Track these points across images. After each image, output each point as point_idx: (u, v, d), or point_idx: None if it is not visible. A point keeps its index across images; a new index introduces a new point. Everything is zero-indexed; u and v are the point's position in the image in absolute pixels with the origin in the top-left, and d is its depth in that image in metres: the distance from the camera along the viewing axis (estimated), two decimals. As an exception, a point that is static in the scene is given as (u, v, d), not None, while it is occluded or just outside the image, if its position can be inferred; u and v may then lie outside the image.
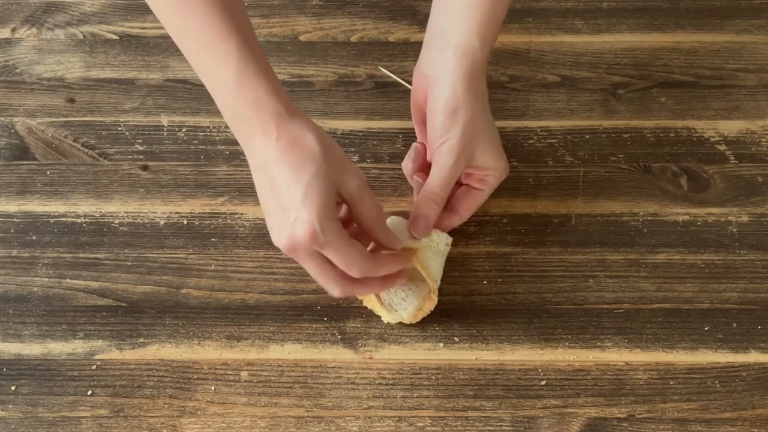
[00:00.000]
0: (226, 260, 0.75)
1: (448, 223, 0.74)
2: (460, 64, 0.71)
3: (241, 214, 0.78)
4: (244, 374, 0.70)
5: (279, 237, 0.64)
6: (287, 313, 0.73)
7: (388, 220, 0.73)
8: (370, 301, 0.72)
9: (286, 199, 0.62)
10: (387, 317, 0.71)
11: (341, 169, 0.64)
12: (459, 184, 0.75)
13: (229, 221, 0.78)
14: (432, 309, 0.71)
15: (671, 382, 0.69)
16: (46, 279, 0.74)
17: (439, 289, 0.73)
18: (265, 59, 0.66)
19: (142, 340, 0.71)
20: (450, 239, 0.73)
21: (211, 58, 0.65)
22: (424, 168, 0.75)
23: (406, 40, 0.90)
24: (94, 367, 0.70)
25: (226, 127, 0.83)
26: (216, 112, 0.84)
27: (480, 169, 0.73)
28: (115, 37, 0.91)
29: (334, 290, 0.66)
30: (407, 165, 0.76)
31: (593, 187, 0.80)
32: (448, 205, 0.74)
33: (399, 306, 0.72)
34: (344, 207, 0.68)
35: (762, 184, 0.80)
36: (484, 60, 0.72)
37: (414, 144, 0.76)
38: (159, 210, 0.78)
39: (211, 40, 0.64)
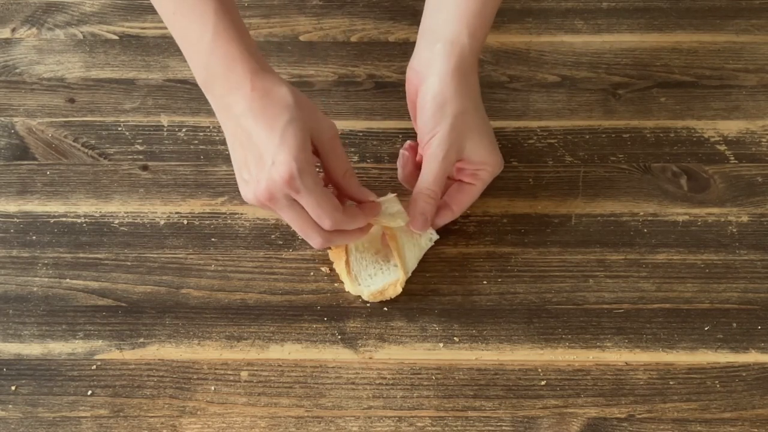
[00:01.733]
0: (226, 260, 0.75)
1: (439, 219, 0.74)
2: (449, 59, 0.71)
3: (241, 214, 0.78)
4: (244, 374, 0.70)
5: (258, 185, 0.64)
6: (287, 313, 0.73)
7: (382, 199, 0.74)
8: (339, 266, 0.72)
9: (263, 147, 0.64)
10: (349, 287, 0.72)
11: (314, 119, 0.66)
12: (451, 179, 0.75)
13: (229, 221, 0.78)
14: (393, 296, 0.71)
15: (671, 382, 0.69)
16: (46, 279, 0.74)
17: (439, 289, 0.73)
18: (240, 20, 0.67)
19: (142, 340, 0.71)
20: (436, 237, 0.73)
21: (187, 18, 0.66)
22: (415, 171, 0.74)
23: (406, 40, 0.90)
24: (94, 367, 0.70)
25: (226, 127, 0.83)
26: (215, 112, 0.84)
27: (471, 163, 0.73)
28: (115, 37, 0.91)
29: (316, 239, 0.67)
30: (399, 173, 0.76)
31: (593, 187, 0.80)
32: (440, 200, 0.74)
33: (364, 281, 0.72)
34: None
35: (762, 184, 0.80)
36: (473, 56, 0.72)
37: (401, 151, 0.76)
38: (159, 210, 0.78)
39: (188, 0, 0.66)
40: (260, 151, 0.64)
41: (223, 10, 0.65)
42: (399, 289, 0.71)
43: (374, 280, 0.72)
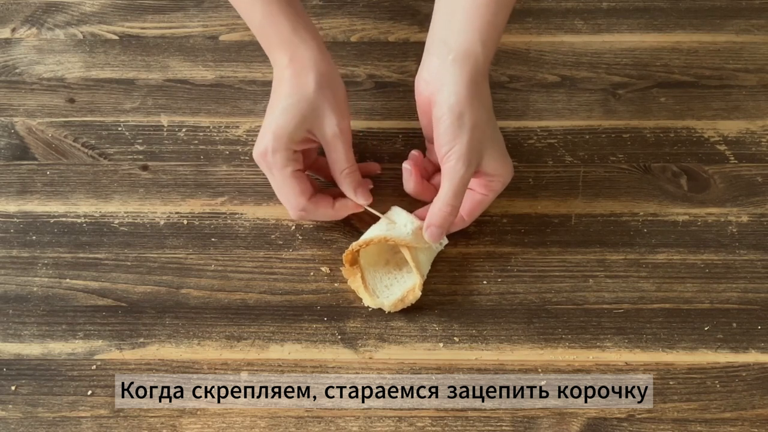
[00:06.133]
0: (226, 260, 0.75)
1: (452, 227, 0.74)
2: (463, 69, 0.70)
3: (241, 214, 0.78)
4: (244, 374, 0.70)
5: (254, 148, 0.73)
6: (287, 313, 0.73)
7: (391, 210, 0.74)
8: (354, 282, 0.72)
9: (266, 118, 0.73)
10: (368, 301, 0.72)
11: (323, 113, 0.72)
12: None
13: (229, 221, 0.78)
14: (414, 302, 0.71)
15: (671, 382, 0.69)
16: (46, 279, 0.74)
17: (439, 289, 0.73)
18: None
19: (142, 340, 0.71)
20: (446, 241, 0.74)
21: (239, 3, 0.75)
22: (420, 183, 0.74)
23: (406, 40, 0.90)
24: (94, 367, 0.70)
25: (226, 126, 0.83)
26: (215, 112, 0.85)
27: (486, 175, 0.73)
28: (115, 37, 0.91)
29: (289, 211, 0.74)
30: (405, 186, 0.76)
31: (593, 187, 0.80)
32: None
33: (382, 293, 0.72)
34: None
35: (762, 184, 0.80)
36: (486, 65, 0.72)
37: (404, 165, 0.75)
38: (159, 210, 0.78)
39: None
40: (264, 121, 0.72)
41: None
42: (418, 294, 0.71)
43: (392, 290, 0.72)
